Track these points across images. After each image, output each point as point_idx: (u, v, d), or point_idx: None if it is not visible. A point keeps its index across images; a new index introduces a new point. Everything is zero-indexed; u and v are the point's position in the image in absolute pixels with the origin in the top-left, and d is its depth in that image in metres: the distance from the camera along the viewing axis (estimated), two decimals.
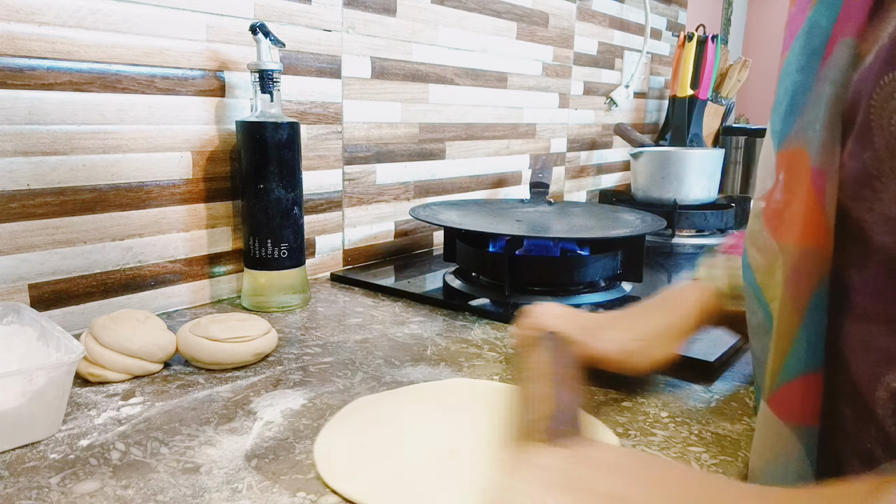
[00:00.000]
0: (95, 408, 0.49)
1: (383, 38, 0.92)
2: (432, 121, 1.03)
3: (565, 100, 1.36)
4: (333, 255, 0.91)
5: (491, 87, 1.14)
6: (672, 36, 1.77)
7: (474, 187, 1.15)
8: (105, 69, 0.63)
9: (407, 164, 1.00)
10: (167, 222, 0.70)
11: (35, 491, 0.38)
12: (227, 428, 0.46)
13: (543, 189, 1.06)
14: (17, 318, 0.53)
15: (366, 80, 0.90)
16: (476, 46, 1.09)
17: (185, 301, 0.74)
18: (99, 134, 0.64)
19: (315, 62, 0.83)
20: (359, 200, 0.93)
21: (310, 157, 0.84)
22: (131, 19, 0.64)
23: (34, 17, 0.58)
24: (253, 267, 0.73)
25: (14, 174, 0.59)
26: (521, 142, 1.25)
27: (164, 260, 0.71)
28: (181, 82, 0.69)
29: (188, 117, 0.70)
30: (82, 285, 0.65)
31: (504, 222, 0.84)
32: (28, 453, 0.42)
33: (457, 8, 1.04)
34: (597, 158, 1.54)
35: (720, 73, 1.69)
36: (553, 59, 1.30)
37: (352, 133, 0.90)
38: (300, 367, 0.57)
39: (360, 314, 0.73)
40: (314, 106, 0.84)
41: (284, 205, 0.71)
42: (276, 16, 0.77)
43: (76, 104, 0.62)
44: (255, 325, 0.58)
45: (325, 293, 0.81)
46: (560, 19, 1.30)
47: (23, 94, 0.58)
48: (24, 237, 0.60)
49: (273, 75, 0.70)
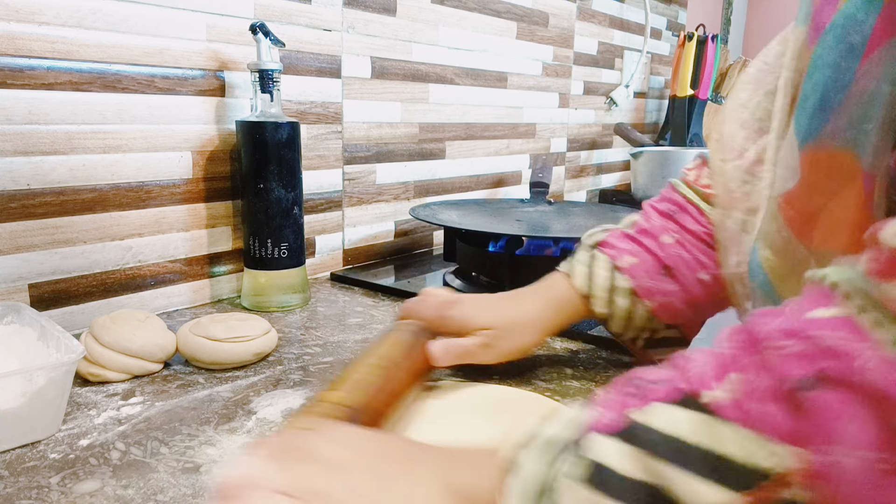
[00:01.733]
0: (95, 407, 0.49)
1: (383, 38, 0.92)
2: (432, 121, 1.03)
3: (565, 100, 1.36)
4: (333, 254, 0.91)
5: (491, 87, 1.14)
6: (672, 36, 1.77)
7: (474, 187, 1.15)
8: (105, 69, 0.63)
9: (407, 164, 1.00)
10: (167, 222, 0.70)
11: (35, 491, 0.38)
12: (227, 428, 0.46)
13: (543, 189, 1.06)
14: (17, 318, 0.53)
15: (366, 80, 0.90)
16: (476, 46, 1.09)
17: (185, 301, 0.74)
18: (99, 134, 0.64)
19: (315, 62, 0.83)
20: (359, 200, 0.93)
21: (310, 157, 0.84)
22: (131, 19, 0.64)
23: (34, 17, 0.58)
24: (253, 267, 0.73)
25: (14, 174, 0.59)
26: (520, 142, 1.25)
27: (164, 260, 0.71)
28: (181, 82, 0.69)
29: (188, 117, 0.70)
30: (82, 285, 0.65)
31: (504, 222, 0.84)
32: (28, 453, 0.42)
33: (457, 8, 1.04)
34: (597, 158, 1.54)
35: (720, 73, 1.69)
36: (553, 59, 1.30)
37: (352, 133, 0.90)
38: (300, 367, 0.57)
39: (360, 314, 0.73)
40: (314, 106, 0.84)
41: (284, 204, 0.71)
42: (276, 16, 0.77)
43: (76, 104, 0.62)
44: (255, 324, 0.58)
45: (325, 293, 0.81)
46: (560, 19, 1.30)
47: (23, 94, 0.58)
48: (24, 237, 0.60)
49: (273, 75, 0.70)
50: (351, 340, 0.64)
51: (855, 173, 0.31)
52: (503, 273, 0.75)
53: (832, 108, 0.32)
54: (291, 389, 0.53)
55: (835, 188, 0.32)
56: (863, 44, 0.30)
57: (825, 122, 0.32)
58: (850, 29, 0.31)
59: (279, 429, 0.45)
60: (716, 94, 1.69)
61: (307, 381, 0.54)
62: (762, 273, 0.38)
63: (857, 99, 0.31)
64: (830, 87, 0.32)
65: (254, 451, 0.32)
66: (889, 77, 0.30)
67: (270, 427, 0.46)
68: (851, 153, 0.31)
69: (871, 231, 0.25)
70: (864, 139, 0.30)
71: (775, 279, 0.37)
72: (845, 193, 0.31)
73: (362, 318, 0.71)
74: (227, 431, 0.46)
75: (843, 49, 0.31)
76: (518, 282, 0.78)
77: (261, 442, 0.34)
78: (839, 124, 0.32)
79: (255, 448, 0.32)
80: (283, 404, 0.50)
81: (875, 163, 0.30)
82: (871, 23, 0.30)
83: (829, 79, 0.32)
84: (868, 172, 0.30)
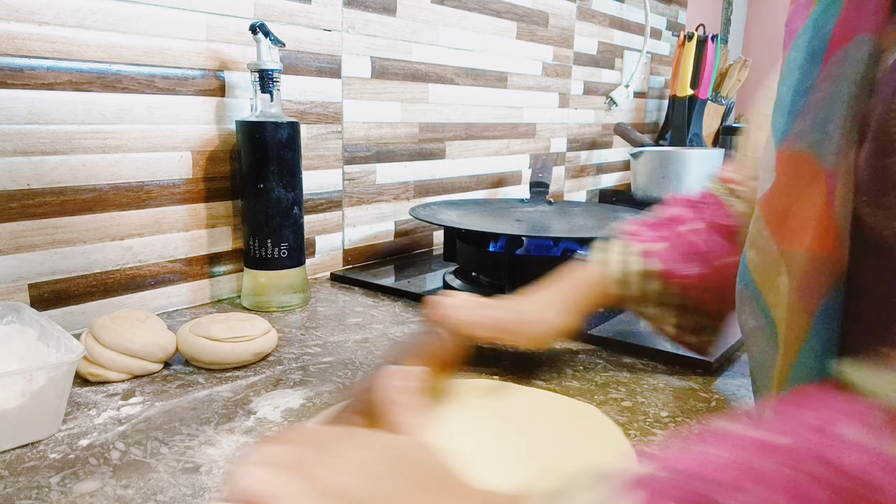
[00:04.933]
0: (95, 407, 0.49)
1: (383, 38, 0.92)
2: (432, 120, 1.03)
3: (565, 100, 1.36)
4: (333, 254, 0.91)
5: (491, 87, 1.14)
6: (672, 36, 1.77)
7: (474, 187, 1.15)
8: (105, 69, 0.63)
9: (407, 164, 1.00)
10: (167, 222, 0.70)
11: (35, 490, 0.38)
12: (226, 427, 0.46)
13: (543, 189, 1.06)
14: (17, 318, 0.53)
15: (366, 80, 0.90)
16: (476, 46, 1.09)
17: (185, 301, 0.74)
18: (99, 134, 0.64)
19: (315, 62, 0.83)
20: (359, 200, 0.93)
21: (310, 157, 0.84)
22: (131, 19, 0.64)
23: (34, 17, 0.58)
24: (253, 266, 0.73)
25: (14, 174, 0.59)
26: (520, 141, 1.25)
27: (163, 260, 0.71)
28: (181, 82, 0.69)
29: (188, 117, 0.70)
30: (82, 285, 0.65)
31: (504, 222, 0.84)
32: (28, 453, 0.42)
33: (457, 8, 1.04)
34: (597, 158, 1.54)
35: (720, 73, 1.69)
36: (553, 59, 1.30)
37: (352, 133, 0.90)
38: (300, 367, 0.57)
39: (360, 314, 0.73)
40: (314, 106, 0.84)
41: (284, 204, 0.71)
42: (276, 15, 0.77)
43: (76, 104, 0.62)
44: (255, 324, 0.58)
45: (325, 293, 0.81)
46: (560, 19, 1.30)
47: (23, 94, 0.58)
48: (24, 237, 0.60)
49: (273, 75, 0.70)
50: (351, 340, 0.64)
51: (817, 174, 0.32)
52: (503, 273, 0.75)
53: (798, 111, 0.33)
54: (291, 389, 0.53)
55: (800, 189, 0.33)
56: (823, 49, 0.32)
57: (793, 124, 0.34)
58: (814, 34, 0.33)
59: (315, 425, 0.41)
60: (716, 94, 1.69)
61: (307, 381, 0.54)
62: (748, 274, 0.38)
63: (819, 101, 0.32)
64: (797, 90, 0.34)
65: (286, 450, 0.30)
66: (849, 77, 0.31)
67: (270, 427, 0.46)
68: (813, 154, 0.32)
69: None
70: (825, 140, 0.32)
71: (759, 280, 0.37)
72: (809, 194, 0.32)
73: (362, 318, 0.71)
74: (227, 431, 0.46)
75: (807, 54, 0.33)
76: (518, 282, 0.78)
77: (293, 438, 0.31)
78: (804, 126, 0.33)
79: (287, 446, 0.30)
80: (283, 404, 0.50)
81: (837, 162, 0.31)
82: (830, 28, 0.32)
83: (797, 81, 0.34)
84: (830, 172, 0.31)
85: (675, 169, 1.24)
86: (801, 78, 0.34)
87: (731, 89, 1.72)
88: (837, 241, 0.32)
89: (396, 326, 0.68)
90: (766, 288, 0.37)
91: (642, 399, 0.53)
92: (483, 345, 0.58)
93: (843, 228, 0.32)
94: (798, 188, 0.33)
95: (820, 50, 0.32)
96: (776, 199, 0.35)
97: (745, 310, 0.39)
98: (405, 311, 0.74)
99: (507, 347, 0.62)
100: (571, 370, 0.58)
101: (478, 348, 0.56)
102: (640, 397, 0.53)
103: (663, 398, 0.53)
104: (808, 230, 0.33)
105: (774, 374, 0.36)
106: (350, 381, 0.55)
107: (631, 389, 0.54)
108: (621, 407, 0.51)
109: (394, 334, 0.66)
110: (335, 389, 0.53)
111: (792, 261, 0.34)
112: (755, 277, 0.38)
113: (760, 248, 0.37)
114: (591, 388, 0.54)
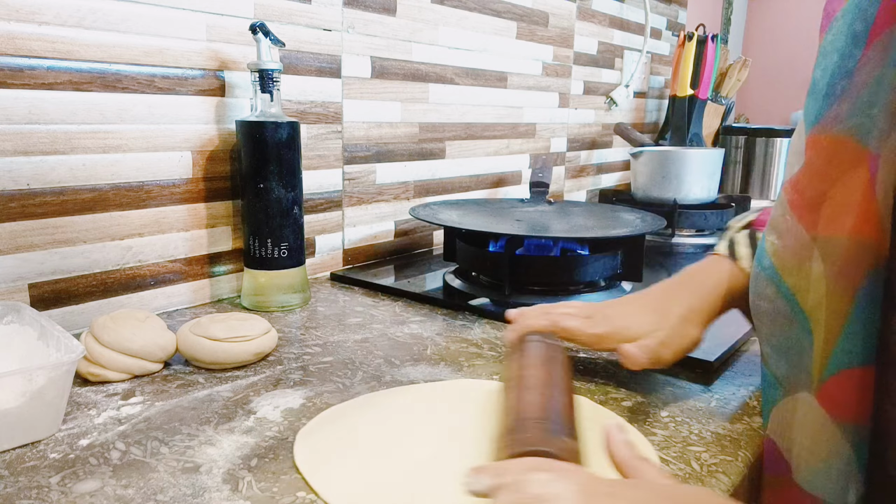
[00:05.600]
0: (95, 407, 0.49)
1: (383, 38, 0.92)
2: (432, 120, 1.03)
3: (565, 99, 1.36)
4: (333, 254, 0.91)
5: (491, 87, 1.14)
6: (672, 35, 1.77)
7: (474, 187, 1.15)
8: (105, 69, 0.63)
9: (407, 164, 1.00)
10: (167, 222, 0.70)
11: (35, 490, 0.38)
12: (226, 427, 0.46)
13: (543, 189, 1.06)
14: (17, 318, 0.53)
15: (366, 80, 0.90)
16: (476, 46, 1.09)
17: (185, 301, 0.74)
18: (99, 134, 0.64)
19: (315, 62, 0.83)
20: (359, 200, 0.93)
21: (310, 157, 0.84)
22: (131, 19, 0.64)
23: (34, 17, 0.58)
24: (253, 266, 0.73)
25: (14, 174, 0.59)
26: (520, 141, 1.25)
27: (163, 259, 0.71)
28: (181, 82, 0.69)
29: (188, 117, 0.70)
30: (82, 285, 0.65)
31: (504, 222, 0.84)
32: (28, 453, 0.42)
33: (457, 8, 1.04)
34: (597, 158, 1.54)
35: (720, 73, 1.69)
36: (553, 59, 1.30)
37: (352, 133, 0.90)
38: (300, 367, 0.57)
39: (360, 314, 0.73)
40: (314, 105, 0.84)
41: (284, 204, 0.71)
42: (276, 15, 0.77)
43: (76, 104, 0.62)
44: (255, 324, 0.58)
45: (325, 293, 0.81)
46: (560, 19, 1.30)
47: (23, 93, 0.58)
48: (24, 237, 0.60)
49: (273, 75, 0.70)
50: (351, 340, 0.64)
51: (860, 158, 0.31)
52: (503, 273, 0.75)
53: (837, 94, 0.33)
54: (291, 389, 0.53)
55: (837, 174, 0.32)
56: (866, 31, 0.31)
57: (830, 107, 0.33)
58: (855, 17, 0.32)
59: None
60: (716, 93, 1.69)
61: (307, 381, 0.54)
62: (767, 258, 0.38)
63: (862, 85, 0.31)
64: (836, 73, 0.33)
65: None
66: (893, 61, 0.30)
67: (270, 427, 0.46)
68: (855, 138, 0.32)
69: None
70: (869, 124, 0.31)
71: (779, 265, 0.37)
72: (849, 178, 0.32)
73: (362, 317, 0.71)
74: (227, 431, 0.46)
75: (849, 36, 0.32)
76: (518, 282, 0.78)
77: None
78: (843, 110, 0.32)
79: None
80: (283, 404, 0.50)
81: (879, 144, 0.31)
82: (874, 11, 0.31)
83: (835, 65, 0.33)
84: (874, 154, 0.31)
85: (675, 169, 1.24)
86: (840, 61, 0.33)
87: (732, 89, 1.72)
88: (879, 225, 0.31)
89: (396, 326, 0.68)
90: (787, 272, 0.36)
91: (642, 399, 0.53)
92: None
93: (885, 213, 0.31)
94: (835, 173, 0.32)
95: (863, 32, 0.31)
96: (807, 183, 0.34)
97: (763, 293, 0.39)
98: (405, 311, 0.74)
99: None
100: None
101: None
102: (640, 397, 0.53)
103: (663, 398, 0.53)
104: (848, 215, 0.32)
105: (813, 358, 0.35)
106: (350, 381, 0.55)
107: (631, 389, 0.54)
108: (621, 407, 0.51)
109: (394, 334, 0.66)
110: (335, 389, 0.53)
111: (828, 246, 0.33)
112: (775, 262, 0.37)
113: (783, 232, 0.36)
114: (590, 387, 0.54)
